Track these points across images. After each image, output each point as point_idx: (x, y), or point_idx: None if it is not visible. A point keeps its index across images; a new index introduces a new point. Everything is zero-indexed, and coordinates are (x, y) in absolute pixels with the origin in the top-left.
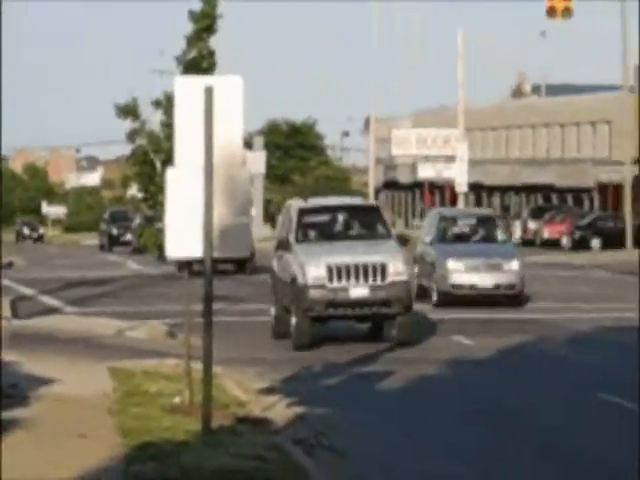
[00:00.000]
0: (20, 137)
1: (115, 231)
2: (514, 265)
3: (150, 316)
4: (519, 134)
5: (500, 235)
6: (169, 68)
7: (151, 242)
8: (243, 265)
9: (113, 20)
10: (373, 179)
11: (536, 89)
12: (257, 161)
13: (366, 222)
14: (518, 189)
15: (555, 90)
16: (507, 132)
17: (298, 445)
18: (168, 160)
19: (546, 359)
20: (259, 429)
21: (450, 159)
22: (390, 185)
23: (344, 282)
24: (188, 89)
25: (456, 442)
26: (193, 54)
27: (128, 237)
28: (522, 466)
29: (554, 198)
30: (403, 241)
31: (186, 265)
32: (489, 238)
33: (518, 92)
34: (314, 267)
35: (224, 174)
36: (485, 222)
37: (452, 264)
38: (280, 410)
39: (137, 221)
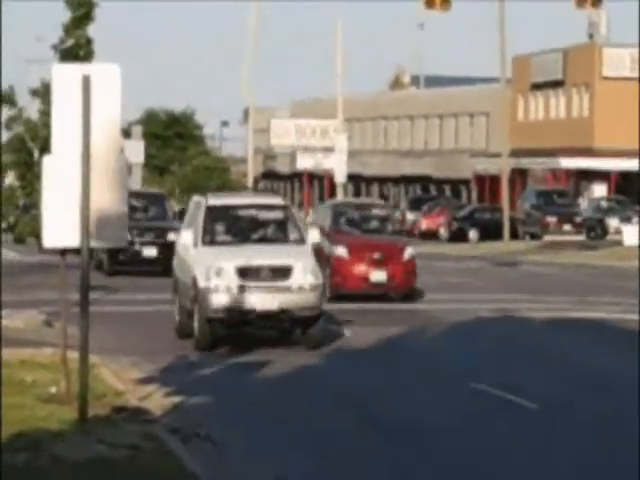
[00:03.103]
0: None
1: None
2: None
3: (27, 305)
4: (397, 125)
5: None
6: (46, 56)
7: (27, 231)
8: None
9: None
10: (252, 169)
11: (414, 80)
12: (135, 150)
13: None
14: (396, 180)
15: (433, 82)
16: (386, 123)
17: (174, 435)
18: (45, 148)
19: (421, 349)
20: (135, 419)
21: (329, 149)
22: (269, 175)
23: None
24: (66, 77)
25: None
26: (70, 42)
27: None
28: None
29: (432, 189)
30: None
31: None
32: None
33: (396, 83)
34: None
35: (101, 162)
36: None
37: None
38: (157, 400)
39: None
